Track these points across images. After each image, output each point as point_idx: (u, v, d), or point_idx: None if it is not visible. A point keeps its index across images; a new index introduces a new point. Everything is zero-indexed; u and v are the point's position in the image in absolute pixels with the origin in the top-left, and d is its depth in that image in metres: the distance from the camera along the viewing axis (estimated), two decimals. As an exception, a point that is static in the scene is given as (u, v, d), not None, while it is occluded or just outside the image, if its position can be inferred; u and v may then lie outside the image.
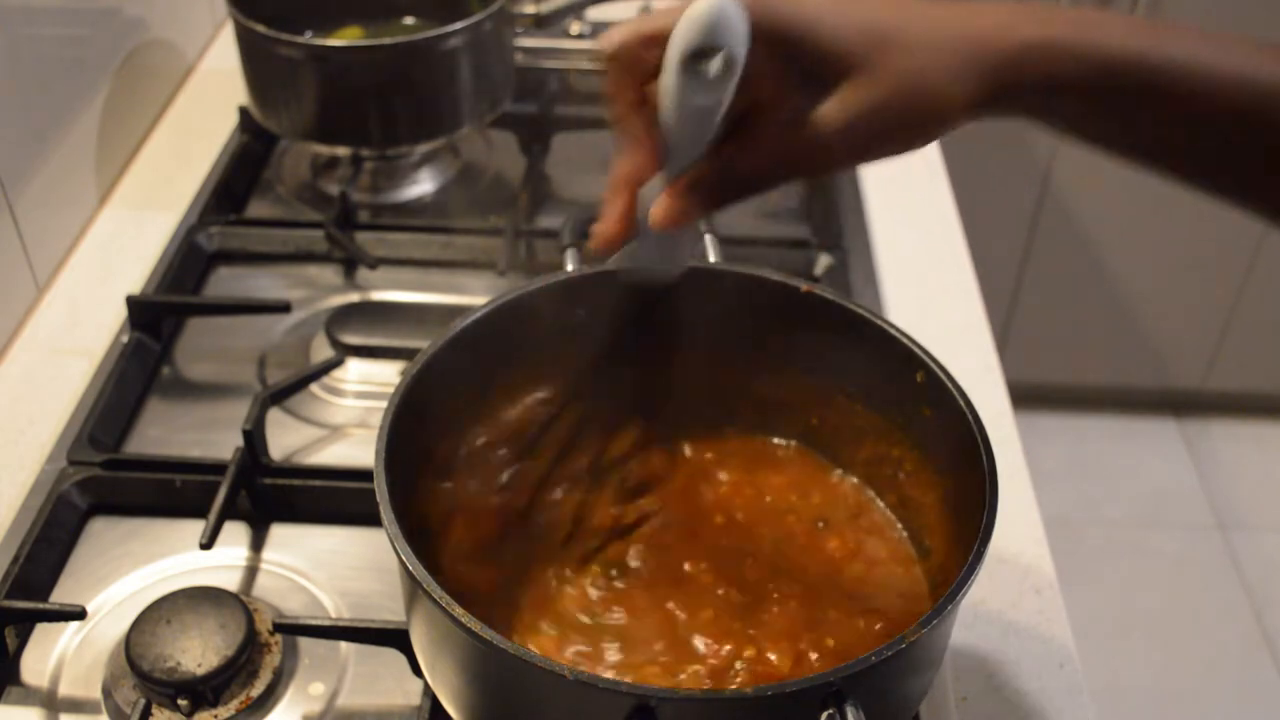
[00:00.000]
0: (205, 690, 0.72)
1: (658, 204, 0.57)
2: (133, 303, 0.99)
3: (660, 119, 0.55)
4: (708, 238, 0.84)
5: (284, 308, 1.00)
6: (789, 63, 0.54)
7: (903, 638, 0.56)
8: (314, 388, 0.96)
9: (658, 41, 0.54)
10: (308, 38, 1.19)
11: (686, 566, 0.73)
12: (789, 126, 0.54)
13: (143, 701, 0.72)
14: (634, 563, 0.73)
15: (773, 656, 0.68)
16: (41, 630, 0.78)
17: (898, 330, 0.72)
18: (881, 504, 0.77)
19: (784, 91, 0.55)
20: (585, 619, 0.70)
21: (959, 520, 0.67)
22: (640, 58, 0.56)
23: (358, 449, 0.92)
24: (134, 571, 0.83)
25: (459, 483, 0.75)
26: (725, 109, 0.54)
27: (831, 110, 0.54)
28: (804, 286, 0.74)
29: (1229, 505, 2.27)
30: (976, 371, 0.98)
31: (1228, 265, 2.16)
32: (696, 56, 0.51)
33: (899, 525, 0.76)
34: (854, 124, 0.53)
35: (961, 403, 0.67)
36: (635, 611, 0.70)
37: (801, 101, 0.54)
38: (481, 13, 1.12)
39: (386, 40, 1.10)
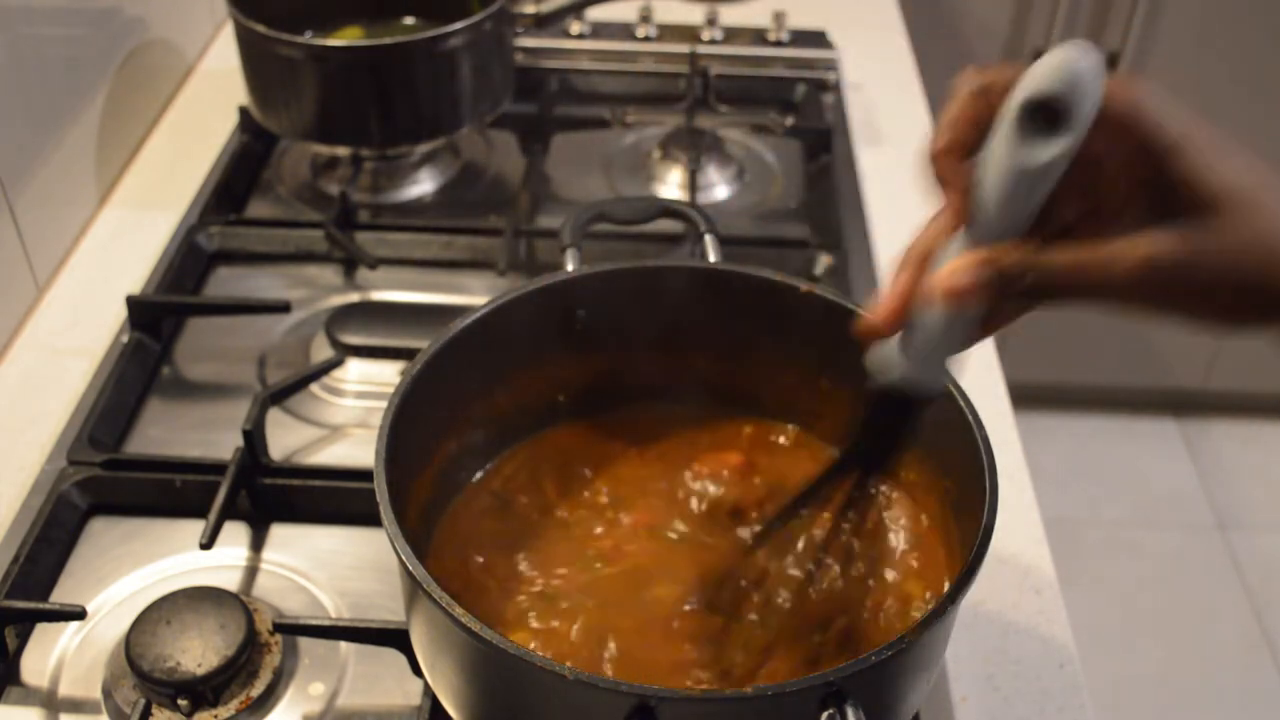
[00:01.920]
0: (205, 690, 0.72)
1: (948, 266, 0.50)
2: (133, 303, 0.99)
3: (978, 188, 0.50)
4: (707, 238, 0.84)
5: (284, 308, 1.00)
6: (1143, 167, 0.48)
7: (903, 638, 0.56)
8: (314, 388, 0.96)
9: (1000, 91, 0.49)
10: (308, 38, 1.19)
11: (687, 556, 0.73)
12: (1119, 238, 0.48)
13: (143, 701, 0.72)
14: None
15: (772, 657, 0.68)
16: (41, 630, 0.78)
17: (898, 330, 0.72)
18: (881, 503, 0.77)
19: (1122, 201, 0.50)
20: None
21: (959, 520, 0.67)
22: (976, 108, 0.50)
23: (358, 449, 0.92)
24: (134, 571, 0.83)
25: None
26: (1043, 187, 0.49)
27: (1171, 240, 0.47)
28: (804, 286, 0.74)
29: (1229, 505, 2.27)
30: (977, 372, 0.98)
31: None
32: (1038, 109, 0.47)
33: (899, 524, 0.76)
34: (1191, 263, 0.47)
35: (962, 403, 0.67)
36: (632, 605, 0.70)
37: (1139, 216, 0.48)
38: (481, 13, 1.12)
39: (386, 40, 1.10)
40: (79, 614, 0.75)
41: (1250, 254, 0.47)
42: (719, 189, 1.23)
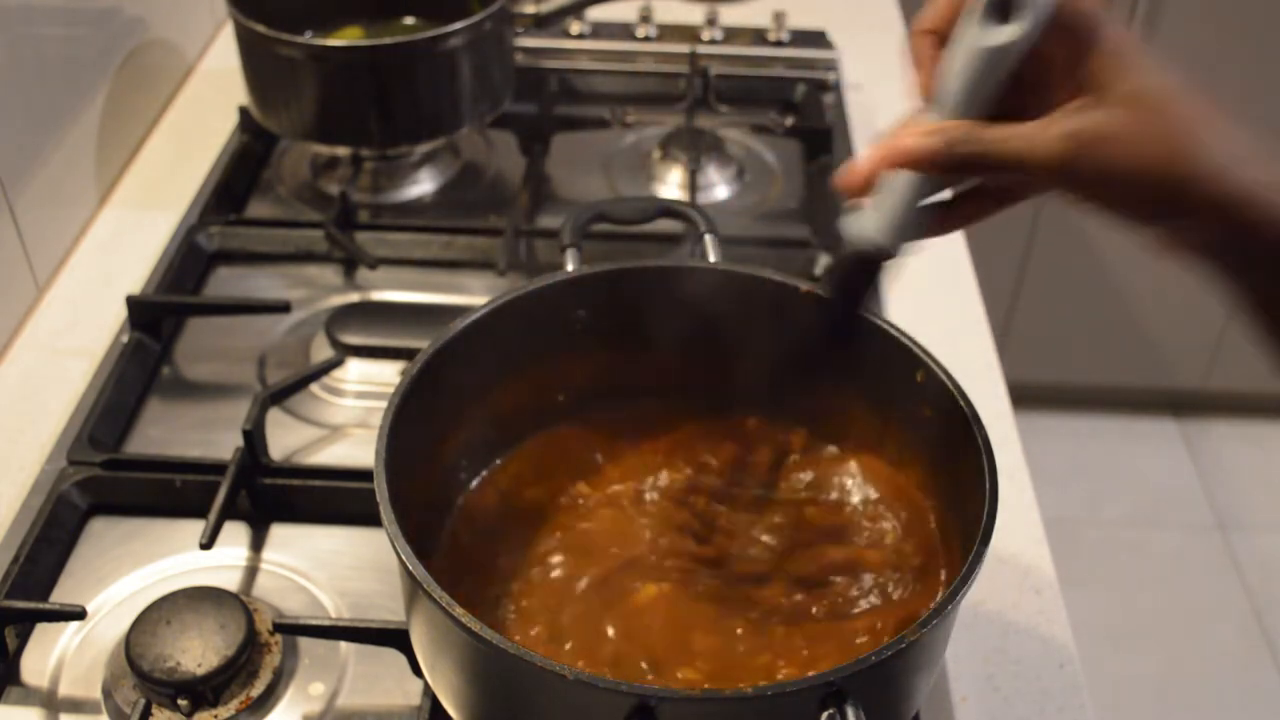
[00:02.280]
0: (205, 690, 0.72)
1: (907, 131, 0.55)
2: (133, 303, 0.99)
3: (944, 68, 0.56)
4: (707, 238, 0.84)
5: (284, 308, 1.00)
6: (1077, 68, 0.53)
7: (903, 638, 0.56)
8: (314, 388, 0.96)
9: None
10: (308, 38, 1.19)
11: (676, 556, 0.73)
12: (1046, 118, 0.54)
13: (142, 701, 0.72)
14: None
15: (772, 656, 0.68)
16: (41, 630, 0.78)
17: (897, 330, 0.72)
18: (880, 502, 0.77)
19: (1068, 98, 0.54)
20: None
21: (959, 520, 0.67)
22: (952, 6, 0.56)
23: (358, 449, 0.92)
24: (134, 571, 0.83)
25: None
26: (999, 71, 0.54)
27: (1087, 117, 0.53)
28: (804, 286, 0.74)
29: (1229, 505, 2.27)
30: (976, 371, 0.99)
31: (1228, 265, 2.16)
32: (1000, 5, 0.53)
33: (898, 523, 0.76)
34: (1105, 138, 0.52)
35: (962, 403, 0.67)
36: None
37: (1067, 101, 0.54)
38: (481, 13, 1.12)
39: (386, 40, 1.10)
40: (79, 614, 0.75)
41: (1164, 142, 0.52)
42: (719, 189, 1.23)
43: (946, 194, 0.60)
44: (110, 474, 0.86)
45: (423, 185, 1.22)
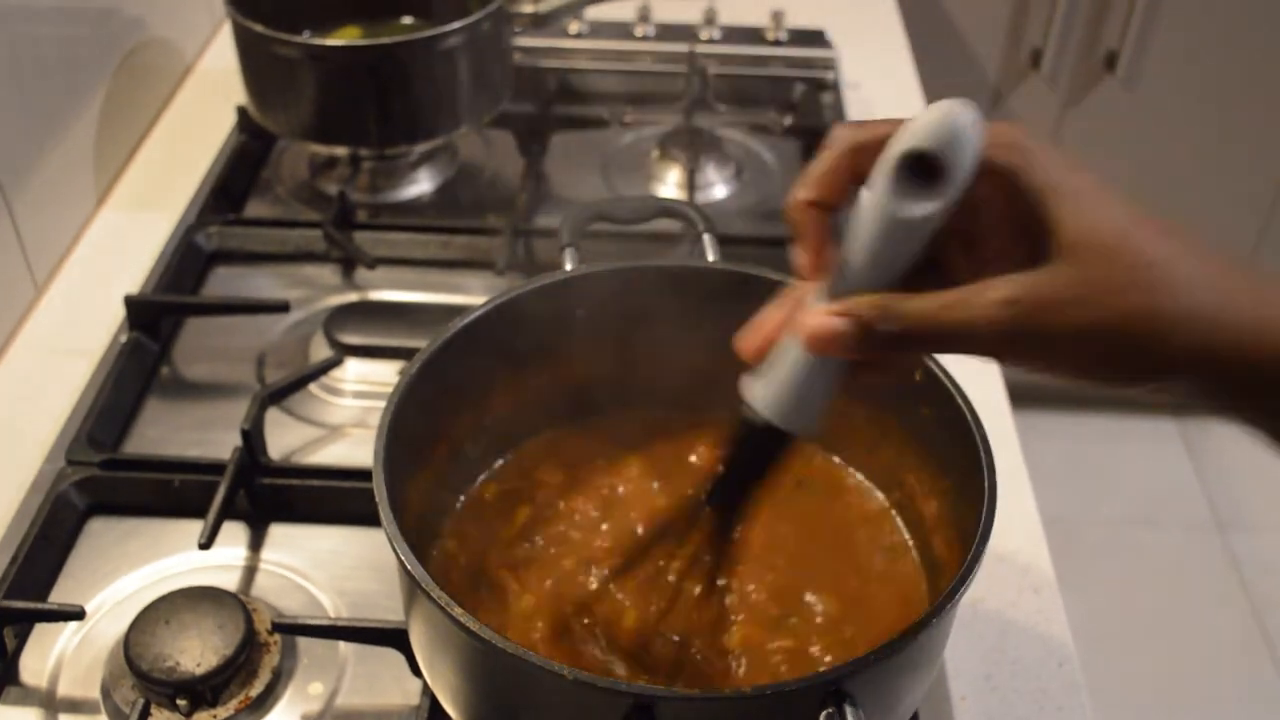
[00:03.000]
0: (204, 690, 0.72)
1: (812, 313, 0.48)
2: (131, 303, 0.99)
3: (848, 239, 0.49)
4: (706, 237, 0.84)
5: (282, 307, 1.00)
6: (1018, 215, 0.47)
7: (902, 637, 0.56)
8: (313, 387, 0.96)
9: (874, 149, 0.48)
10: (306, 37, 1.19)
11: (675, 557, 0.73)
12: (977, 283, 0.46)
13: (141, 701, 0.71)
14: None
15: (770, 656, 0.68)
16: (40, 630, 0.78)
17: (896, 329, 0.72)
18: (880, 502, 0.77)
19: (1001, 250, 0.48)
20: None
21: (958, 519, 0.67)
22: (849, 164, 0.50)
23: (357, 449, 0.92)
24: (133, 571, 0.83)
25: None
26: (915, 241, 0.47)
27: (1029, 282, 0.45)
28: (803, 286, 0.74)
29: (1228, 505, 2.27)
30: (976, 371, 0.98)
31: (1226, 264, 2.16)
32: (916, 163, 0.45)
33: (897, 523, 0.76)
34: (1050, 305, 0.44)
35: (961, 402, 0.67)
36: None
37: (1018, 265, 0.46)
38: (480, 12, 1.12)
39: (385, 40, 1.10)
40: (78, 614, 0.75)
41: (1116, 301, 0.44)
42: (717, 188, 1.23)
43: None
44: (109, 474, 0.86)
45: (421, 185, 1.22)
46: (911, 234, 0.47)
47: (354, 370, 0.98)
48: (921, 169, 0.45)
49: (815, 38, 1.44)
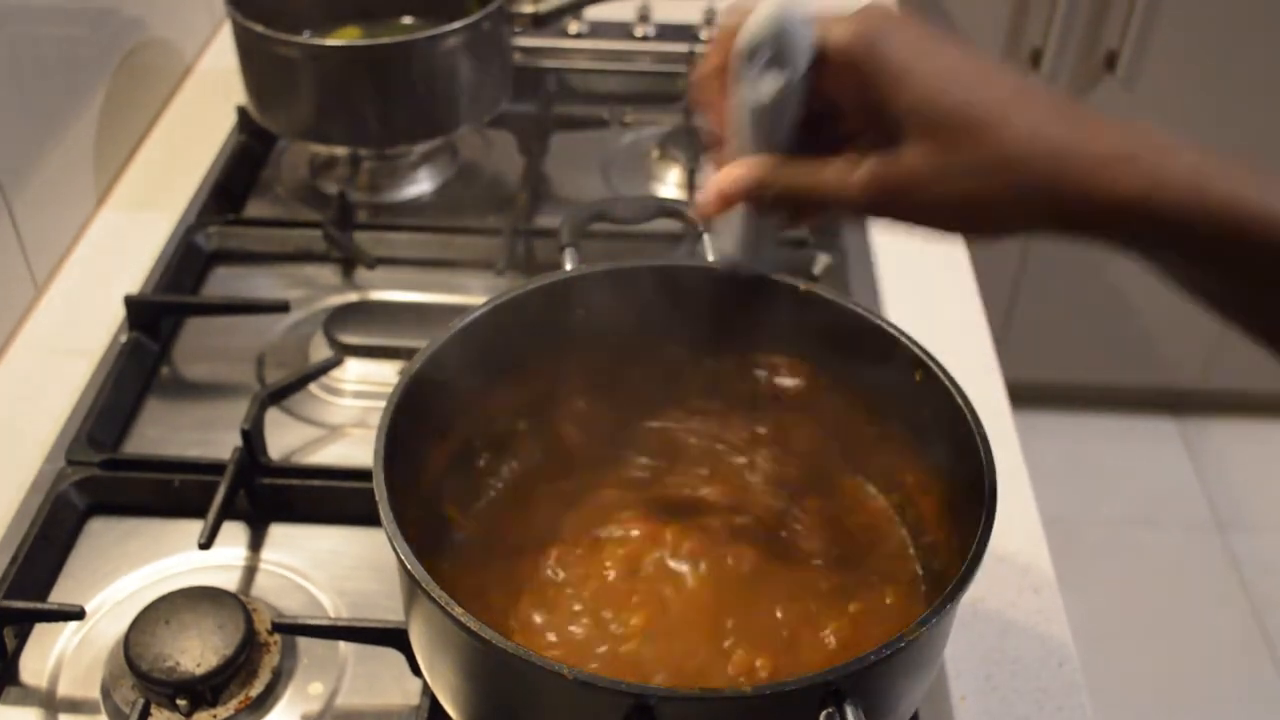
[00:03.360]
0: (204, 690, 0.72)
1: (720, 176, 0.56)
2: (131, 303, 0.99)
3: (730, 116, 0.56)
4: (706, 237, 0.84)
5: (282, 307, 1.00)
6: (867, 102, 0.52)
7: (902, 637, 0.56)
8: (313, 387, 0.96)
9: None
10: (306, 37, 1.19)
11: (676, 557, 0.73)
12: (846, 157, 0.53)
13: (141, 701, 0.71)
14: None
15: (769, 656, 0.68)
16: (40, 630, 0.78)
17: (896, 330, 0.72)
18: (880, 502, 0.77)
19: (863, 128, 0.53)
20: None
21: (958, 519, 0.67)
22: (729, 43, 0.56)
23: (356, 449, 0.92)
24: (133, 571, 0.83)
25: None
26: (782, 117, 0.54)
27: (883, 166, 0.51)
28: (803, 286, 0.74)
29: (1228, 505, 2.27)
30: (975, 371, 0.98)
31: (1226, 264, 2.16)
32: (753, 52, 0.52)
33: (897, 523, 0.76)
34: (907, 185, 0.51)
35: (960, 402, 0.67)
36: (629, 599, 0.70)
37: (872, 138, 0.52)
38: (479, 12, 1.12)
39: (385, 40, 1.10)
40: (78, 614, 0.75)
41: (964, 171, 0.49)
42: (717, 188, 1.23)
43: None
44: (109, 474, 0.86)
45: (421, 185, 1.22)
46: (771, 112, 0.54)
47: (354, 370, 0.98)
48: (760, 57, 0.53)
49: (815, 38, 1.44)
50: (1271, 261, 0.46)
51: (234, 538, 0.84)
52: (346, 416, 0.95)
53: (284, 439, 0.92)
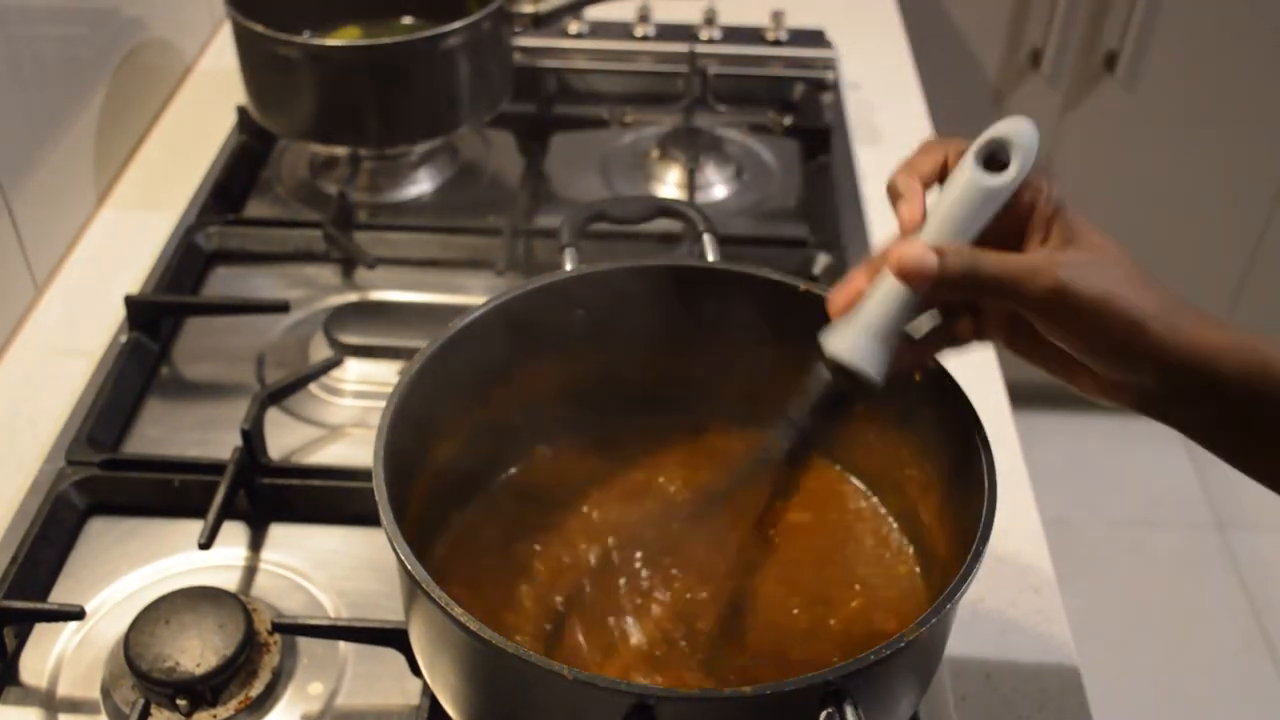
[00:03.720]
0: (204, 690, 0.72)
1: (907, 244, 0.59)
2: (131, 302, 0.99)
3: (936, 207, 0.61)
4: (706, 237, 0.84)
5: (282, 307, 1.00)
6: (1044, 214, 0.61)
7: (901, 637, 0.56)
8: (313, 387, 0.96)
9: (955, 149, 0.62)
10: (306, 37, 1.19)
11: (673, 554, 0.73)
12: (1040, 253, 0.60)
13: (141, 701, 0.71)
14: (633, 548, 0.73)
15: (768, 654, 0.68)
16: (40, 630, 0.78)
17: (896, 329, 0.72)
18: (880, 502, 0.77)
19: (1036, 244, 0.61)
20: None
21: (958, 519, 0.67)
22: (935, 156, 0.63)
23: (356, 449, 0.92)
24: (133, 571, 0.83)
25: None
26: (995, 209, 0.60)
27: (1066, 253, 0.59)
28: (802, 286, 0.74)
29: (1228, 505, 2.27)
30: (976, 371, 0.98)
31: (1225, 265, 2.16)
32: (996, 149, 0.60)
33: (897, 523, 0.76)
34: (1078, 272, 0.57)
35: (961, 402, 0.67)
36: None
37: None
38: (480, 12, 1.12)
39: (385, 40, 1.10)
40: (78, 614, 0.75)
41: (1127, 279, 0.58)
42: (717, 188, 1.23)
43: (924, 323, 0.64)
44: (109, 474, 0.86)
45: (421, 185, 1.22)
46: (986, 203, 0.60)
47: (354, 370, 0.98)
48: (998, 155, 0.60)
49: (815, 38, 1.44)
50: None
51: (234, 538, 0.84)
52: (346, 416, 0.95)
53: (284, 439, 0.92)
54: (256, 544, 0.85)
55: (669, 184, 1.23)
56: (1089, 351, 0.60)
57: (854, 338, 0.62)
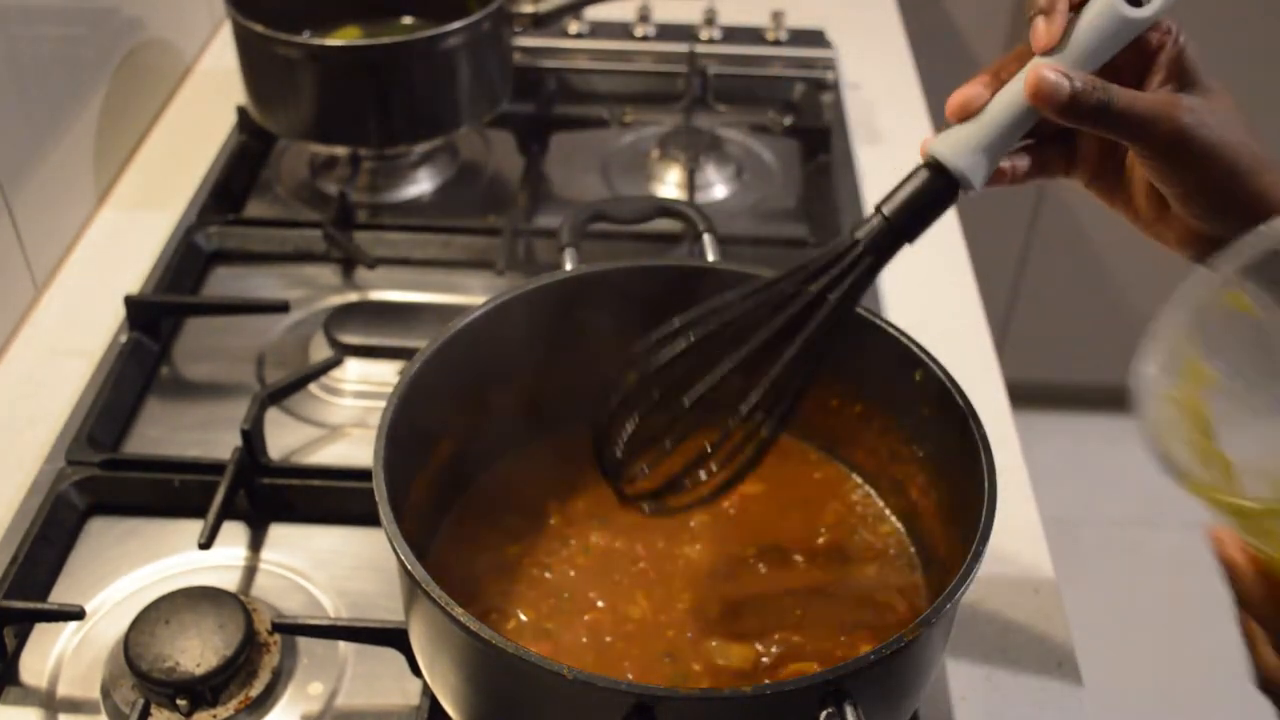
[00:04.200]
0: (204, 690, 0.72)
1: (1043, 65, 0.58)
2: (131, 303, 0.99)
3: (1075, 28, 0.59)
4: (706, 237, 0.84)
5: (282, 307, 1.00)
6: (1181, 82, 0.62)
7: (901, 636, 0.56)
8: (312, 387, 0.96)
9: None
10: (306, 37, 1.19)
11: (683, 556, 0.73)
12: (1174, 96, 0.60)
13: (141, 701, 0.71)
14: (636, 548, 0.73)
15: (769, 655, 0.68)
16: (40, 630, 0.78)
17: (897, 330, 0.72)
18: (880, 502, 0.77)
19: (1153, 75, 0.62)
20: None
21: (958, 519, 0.67)
22: None
23: (356, 449, 0.92)
24: (133, 571, 0.83)
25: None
26: (1130, 38, 0.60)
27: (1195, 99, 0.60)
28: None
29: (1228, 504, 2.27)
30: (976, 371, 0.99)
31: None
32: None
33: (898, 523, 0.76)
34: (1203, 122, 0.59)
35: (960, 402, 0.67)
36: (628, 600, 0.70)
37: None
38: (480, 12, 1.12)
39: (385, 40, 1.10)
40: (78, 614, 0.75)
41: (1241, 133, 0.60)
42: (717, 188, 1.23)
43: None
44: (109, 474, 0.86)
45: (421, 185, 1.22)
46: (1125, 33, 0.60)
47: (354, 370, 0.98)
48: None
49: (815, 38, 1.44)
50: None
51: (234, 538, 0.84)
52: (346, 416, 0.95)
53: (284, 439, 0.92)
54: (256, 544, 0.85)
55: (669, 184, 1.23)
56: (1191, 196, 0.60)
57: (965, 145, 0.61)
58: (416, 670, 0.70)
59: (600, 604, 0.71)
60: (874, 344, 0.72)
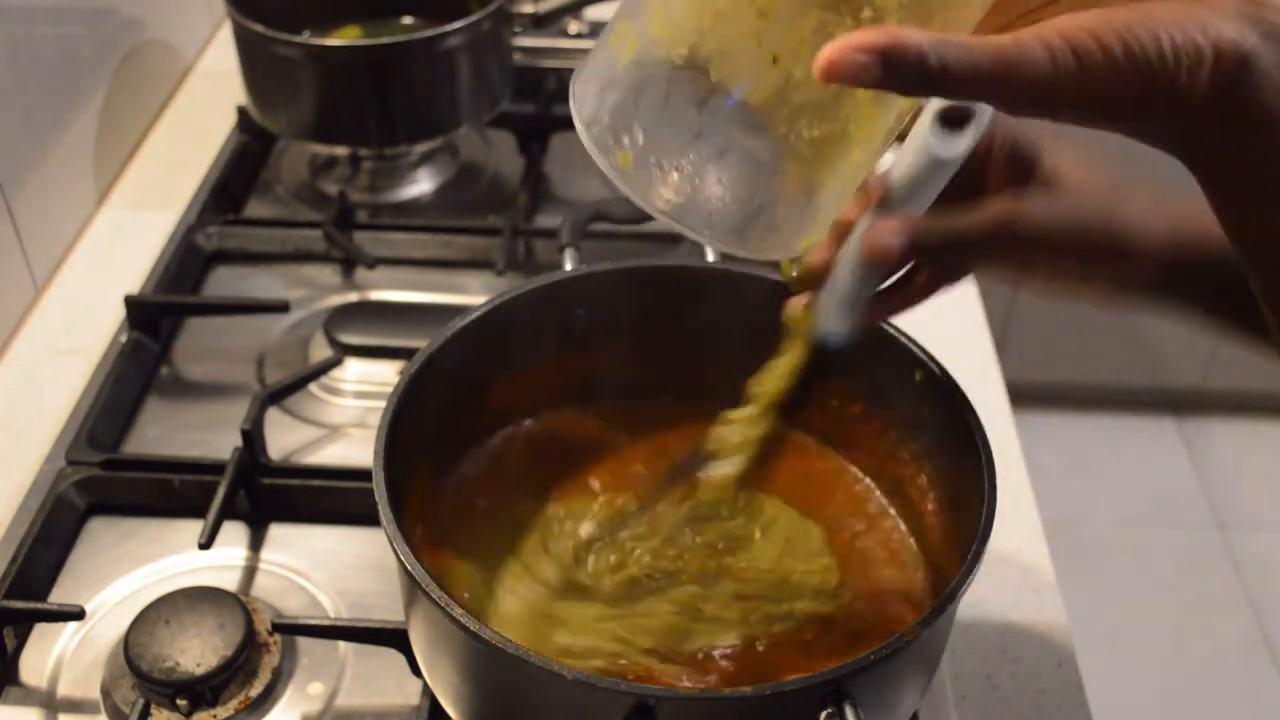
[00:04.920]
0: (204, 690, 0.72)
1: (873, 230, 0.58)
2: (131, 302, 0.99)
3: (895, 175, 0.60)
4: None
5: (282, 307, 1.00)
6: (1011, 162, 0.60)
7: (901, 637, 0.56)
8: (313, 387, 0.96)
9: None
10: (306, 37, 1.19)
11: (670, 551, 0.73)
12: (1004, 206, 0.59)
13: (141, 701, 0.71)
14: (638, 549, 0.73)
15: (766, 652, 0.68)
16: (40, 630, 0.78)
17: (896, 329, 0.72)
18: (880, 502, 0.77)
19: (999, 187, 0.61)
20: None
21: (958, 519, 0.67)
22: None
23: (357, 449, 0.92)
24: (133, 571, 0.83)
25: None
26: (953, 170, 0.59)
27: (1019, 198, 0.59)
28: (803, 286, 0.74)
29: (1228, 504, 2.27)
30: (976, 371, 0.98)
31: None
32: (953, 112, 0.58)
33: (898, 523, 0.76)
34: (1036, 215, 0.57)
35: (960, 402, 0.67)
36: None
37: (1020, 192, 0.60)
38: (480, 12, 1.12)
39: (385, 40, 1.10)
40: (78, 614, 0.75)
41: (1086, 203, 0.58)
42: (718, 188, 1.22)
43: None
44: (109, 474, 0.86)
45: (421, 185, 1.22)
46: (947, 168, 0.59)
47: (354, 370, 0.98)
48: (956, 117, 0.58)
49: (815, 38, 1.44)
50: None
51: (234, 538, 0.84)
52: (346, 416, 0.95)
53: (284, 439, 0.92)
54: (256, 544, 0.85)
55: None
56: (1082, 289, 0.61)
57: (824, 307, 0.63)
58: (416, 670, 0.70)
59: (601, 602, 0.71)
60: (873, 343, 0.72)
